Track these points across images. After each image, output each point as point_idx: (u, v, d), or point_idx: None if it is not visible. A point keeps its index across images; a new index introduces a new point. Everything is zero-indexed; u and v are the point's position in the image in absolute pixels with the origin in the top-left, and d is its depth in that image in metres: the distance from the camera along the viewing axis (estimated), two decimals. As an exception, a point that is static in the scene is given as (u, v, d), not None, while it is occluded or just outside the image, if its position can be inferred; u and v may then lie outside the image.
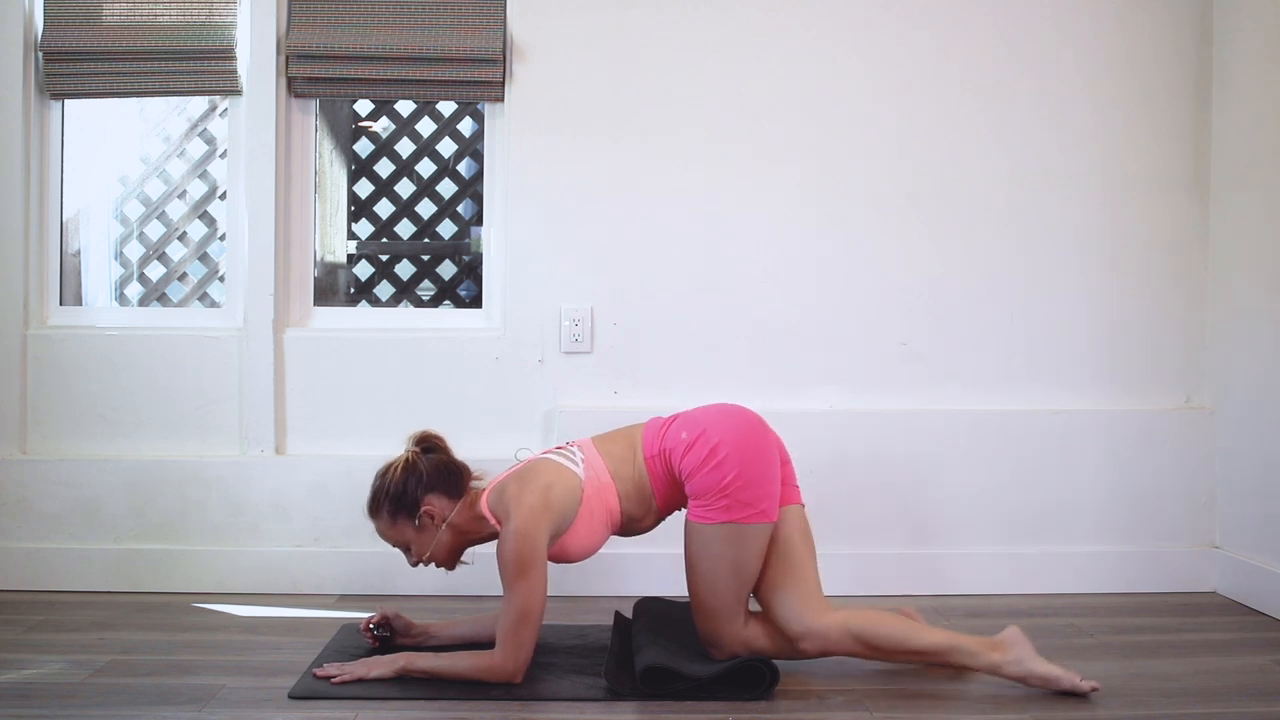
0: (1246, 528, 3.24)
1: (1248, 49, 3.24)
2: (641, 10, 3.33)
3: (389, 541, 2.58)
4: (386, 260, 4.46)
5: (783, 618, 2.48)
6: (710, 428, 2.48)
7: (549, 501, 2.42)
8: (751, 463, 2.44)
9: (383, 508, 2.53)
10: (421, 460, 2.54)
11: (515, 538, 2.37)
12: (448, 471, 2.56)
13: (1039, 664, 2.41)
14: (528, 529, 2.38)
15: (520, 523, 2.38)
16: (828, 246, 3.37)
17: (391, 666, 2.44)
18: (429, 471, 2.52)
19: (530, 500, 2.41)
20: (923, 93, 3.37)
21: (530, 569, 2.36)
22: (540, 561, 2.38)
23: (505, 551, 2.38)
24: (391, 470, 2.54)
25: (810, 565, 2.54)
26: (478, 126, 4.29)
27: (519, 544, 2.37)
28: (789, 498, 2.56)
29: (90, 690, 2.40)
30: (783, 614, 2.48)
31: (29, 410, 3.30)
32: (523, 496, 2.42)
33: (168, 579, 3.23)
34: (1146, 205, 3.41)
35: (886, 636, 2.45)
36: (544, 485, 2.45)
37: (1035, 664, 2.41)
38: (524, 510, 2.40)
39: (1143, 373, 3.42)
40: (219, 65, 3.29)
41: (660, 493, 2.55)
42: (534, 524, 2.39)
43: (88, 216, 3.83)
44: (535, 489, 2.44)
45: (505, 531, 2.40)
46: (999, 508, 3.33)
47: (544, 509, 2.41)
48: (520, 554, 2.36)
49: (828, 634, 2.44)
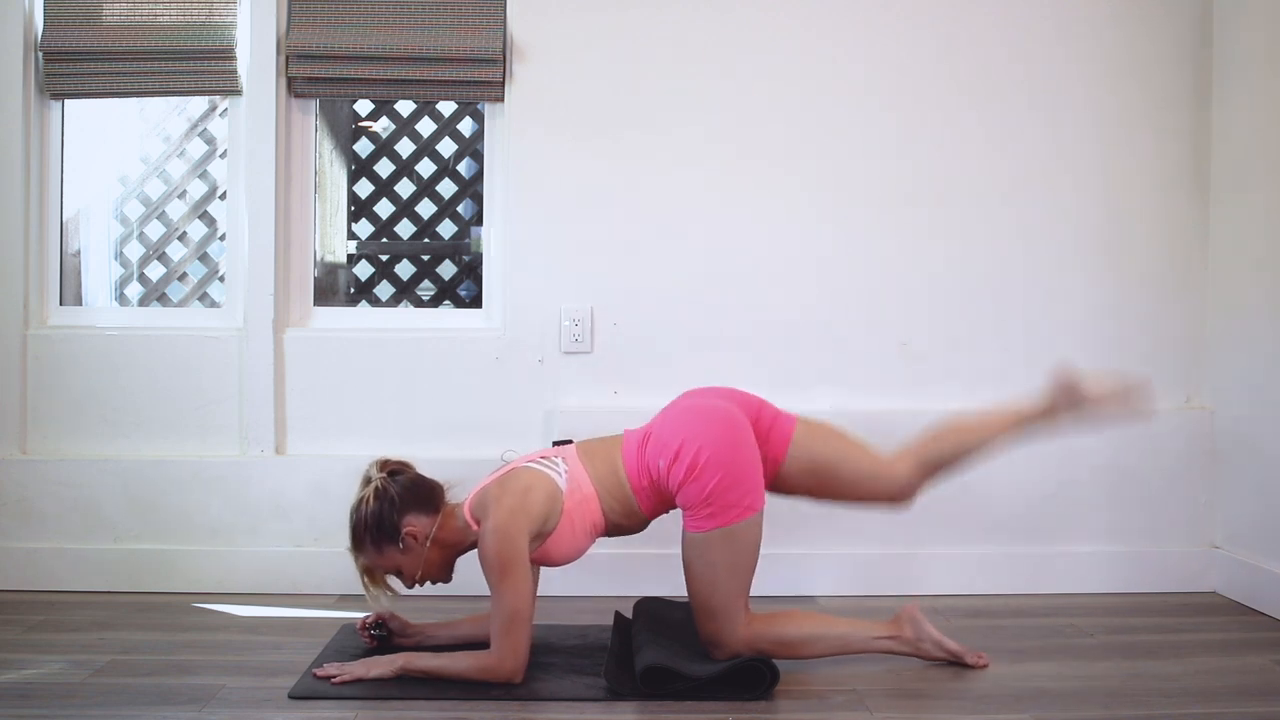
0: (1246, 528, 3.24)
1: (1248, 49, 3.24)
2: (642, 10, 3.33)
3: (379, 571, 2.54)
4: (386, 260, 4.46)
5: (877, 494, 2.62)
6: (685, 441, 2.47)
7: (527, 504, 2.43)
8: (731, 461, 2.45)
9: (365, 540, 2.50)
10: (390, 484, 2.50)
11: (494, 536, 2.38)
12: (419, 489, 2.54)
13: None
14: (506, 528, 2.38)
15: (498, 521, 2.39)
16: (828, 246, 3.37)
17: (391, 666, 2.44)
18: (400, 494, 2.50)
19: (509, 502, 2.43)
20: (923, 93, 3.37)
21: (512, 568, 2.37)
22: (522, 560, 2.39)
23: (486, 551, 2.39)
24: (364, 502, 2.50)
25: (850, 456, 2.61)
26: (478, 126, 4.29)
27: (498, 542, 2.37)
28: (784, 430, 2.60)
29: (90, 690, 2.40)
30: (879, 489, 2.61)
31: (29, 410, 3.30)
32: (502, 499, 2.44)
33: (168, 579, 3.23)
34: (1146, 205, 3.41)
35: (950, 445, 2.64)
36: (523, 488, 2.46)
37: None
38: (502, 510, 2.41)
39: (1143, 372, 3.41)
40: (219, 65, 3.29)
41: (647, 505, 2.56)
42: (512, 523, 2.39)
43: (88, 216, 3.83)
44: (514, 492, 2.45)
45: (484, 530, 2.41)
46: (999, 508, 3.32)
47: (522, 511, 2.42)
48: (500, 552, 2.37)
49: (911, 476, 2.61)
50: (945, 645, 2.59)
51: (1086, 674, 2.53)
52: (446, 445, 3.29)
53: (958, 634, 2.71)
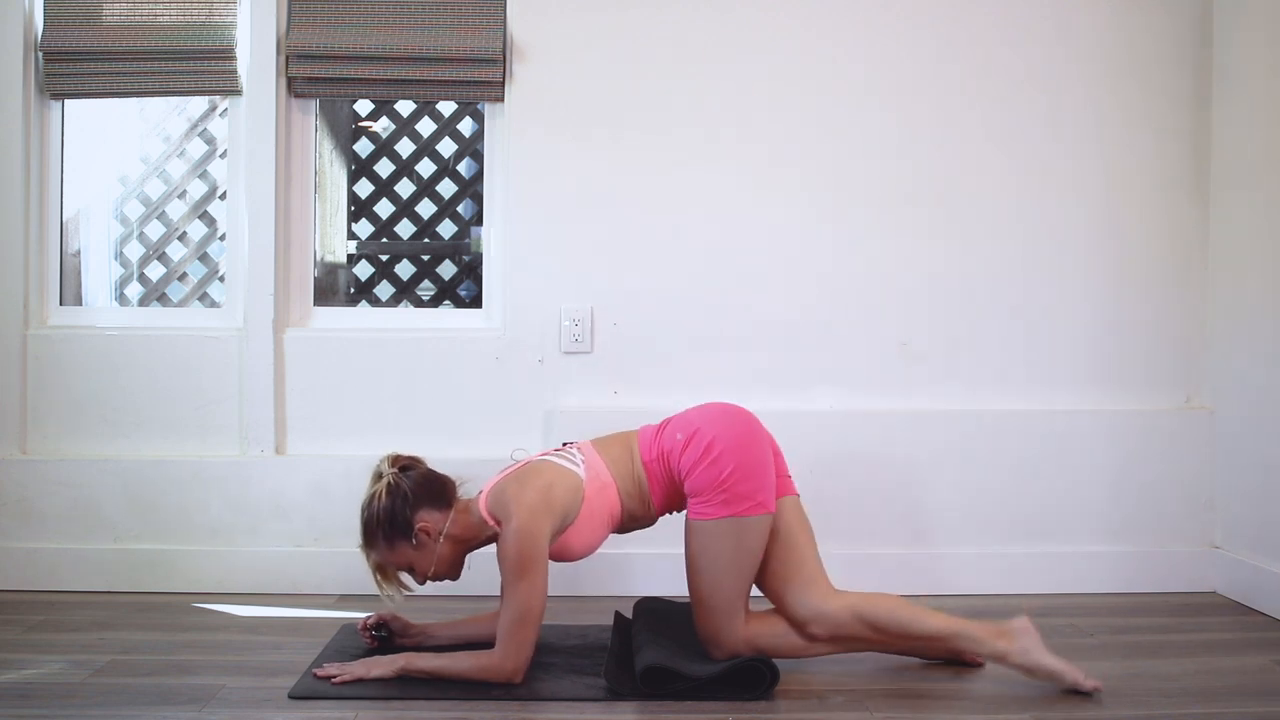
0: (1246, 528, 3.24)
1: (1248, 50, 3.24)
2: (642, 10, 3.33)
3: (391, 567, 2.53)
4: (386, 260, 4.46)
5: (790, 605, 2.50)
6: (704, 426, 2.49)
7: (550, 501, 2.42)
8: (746, 455, 2.45)
9: (377, 536, 2.48)
10: (402, 479, 2.49)
11: (517, 537, 2.37)
12: (432, 484, 2.53)
13: (1045, 656, 2.42)
14: (529, 528, 2.37)
15: (521, 522, 2.38)
16: (828, 246, 3.37)
17: (392, 666, 2.44)
18: (413, 489, 2.49)
19: (531, 500, 2.41)
20: (923, 93, 3.37)
21: (532, 568, 2.36)
22: (542, 561, 2.38)
23: (507, 551, 2.38)
24: (375, 497, 2.48)
25: (811, 553, 2.55)
26: (478, 126, 4.29)
27: (521, 543, 2.36)
28: (784, 489, 2.57)
29: (90, 690, 2.40)
30: (790, 602, 2.50)
31: (29, 410, 3.30)
32: (523, 496, 2.42)
33: (168, 579, 3.23)
34: (1146, 205, 3.41)
35: (892, 619, 2.47)
36: (545, 485, 2.45)
37: (1042, 656, 2.42)
38: (525, 510, 2.39)
39: (1143, 373, 3.42)
40: (219, 65, 3.29)
41: (657, 495, 2.55)
42: (535, 523, 2.38)
43: (88, 216, 3.83)
44: (536, 488, 2.44)
45: (506, 531, 2.40)
46: (999, 508, 3.32)
47: (545, 508, 2.41)
48: (522, 553, 2.36)
49: (836, 616, 2.47)
50: None
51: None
52: (446, 445, 3.29)
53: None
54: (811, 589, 2.50)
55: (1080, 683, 2.39)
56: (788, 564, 2.52)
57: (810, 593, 2.49)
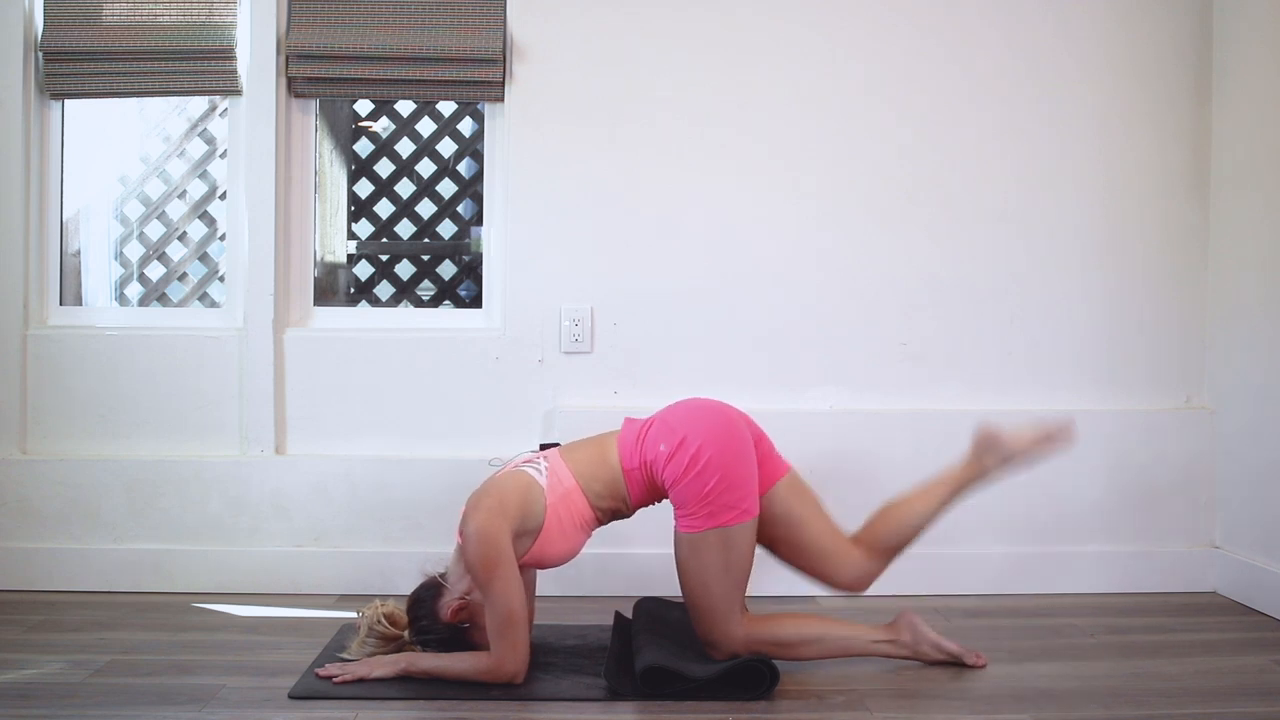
0: (1246, 528, 3.24)
1: (1248, 49, 3.25)
2: (642, 10, 3.33)
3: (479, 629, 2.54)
4: (386, 260, 4.46)
5: (837, 578, 2.63)
6: (689, 434, 2.47)
7: (504, 504, 2.43)
8: (731, 465, 2.45)
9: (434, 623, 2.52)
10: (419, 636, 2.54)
11: (475, 539, 2.38)
12: (420, 602, 2.54)
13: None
14: (485, 529, 2.38)
15: (477, 524, 2.39)
16: (828, 246, 3.37)
17: (393, 667, 2.45)
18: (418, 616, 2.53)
19: (486, 503, 2.43)
20: (923, 93, 3.37)
21: (498, 568, 2.37)
22: (506, 560, 2.38)
23: (468, 555, 2.40)
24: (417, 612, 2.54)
25: (820, 525, 2.63)
26: (478, 126, 4.29)
27: (480, 545, 2.37)
28: (774, 472, 2.59)
29: (90, 690, 2.40)
30: (834, 575, 2.62)
31: (29, 410, 3.30)
32: (478, 501, 2.45)
33: (168, 579, 3.23)
34: (1146, 205, 3.41)
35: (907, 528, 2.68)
36: (499, 490, 2.47)
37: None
38: (480, 512, 2.41)
39: (1143, 373, 3.42)
40: (219, 65, 3.29)
41: (635, 490, 2.55)
42: (490, 523, 2.39)
43: (88, 216, 3.83)
44: (490, 494, 2.46)
45: (465, 534, 2.41)
46: (999, 508, 3.31)
47: (499, 510, 2.41)
48: (484, 554, 2.37)
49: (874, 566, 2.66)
50: (944, 647, 2.59)
51: (1086, 674, 2.54)
52: (446, 445, 3.29)
53: (957, 634, 2.71)
54: (840, 550, 2.62)
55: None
56: (805, 544, 2.61)
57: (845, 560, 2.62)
